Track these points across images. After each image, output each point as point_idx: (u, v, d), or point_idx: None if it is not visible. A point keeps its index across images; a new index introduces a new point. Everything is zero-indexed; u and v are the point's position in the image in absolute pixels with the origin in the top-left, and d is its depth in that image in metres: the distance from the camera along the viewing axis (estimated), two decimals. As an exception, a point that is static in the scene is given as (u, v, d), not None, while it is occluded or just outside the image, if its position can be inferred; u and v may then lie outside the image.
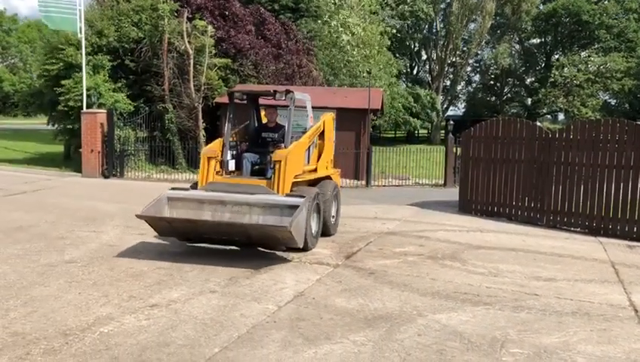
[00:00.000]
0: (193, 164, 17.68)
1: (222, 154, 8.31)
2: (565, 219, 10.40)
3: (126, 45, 19.21)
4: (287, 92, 8.43)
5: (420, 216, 11.46)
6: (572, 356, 4.58)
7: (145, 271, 6.67)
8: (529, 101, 52.40)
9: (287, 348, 4.58)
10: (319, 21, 28.52)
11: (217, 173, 8.19)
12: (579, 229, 10.16)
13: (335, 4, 30.12)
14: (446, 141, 18.18)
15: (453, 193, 13.61)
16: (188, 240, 7.80)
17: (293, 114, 8.38)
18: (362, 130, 18.09)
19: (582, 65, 46.12)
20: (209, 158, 8.11)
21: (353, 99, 18.64)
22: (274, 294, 5.98)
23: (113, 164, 17.02)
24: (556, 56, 50.37)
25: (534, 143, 10.84)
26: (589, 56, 47.40)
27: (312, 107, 9.91)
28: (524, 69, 54.98)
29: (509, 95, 56.40)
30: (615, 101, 48.68)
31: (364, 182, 17.08)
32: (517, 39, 54.85)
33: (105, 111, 17.12)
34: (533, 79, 53.10)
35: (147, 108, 18.56)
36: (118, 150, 17.12)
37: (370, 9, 34.87)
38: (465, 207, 12.06)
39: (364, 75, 28.53)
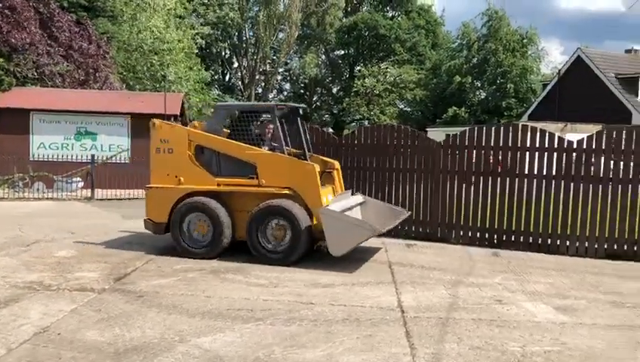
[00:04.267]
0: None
1: None
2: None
3: None
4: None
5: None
6: (334, 369, 4.41)
7: None
8: (336, 109, 54.98)
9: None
10: (117, 22, 26.69)
11: None
12: (366, 231, 10.47)
13: (136, 5, 28.47)
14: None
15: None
16: None
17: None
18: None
19: (381, 76, 49.52)
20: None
21: (150, 105, 17.54)
22: (9, 333, 5.00)
23: None
24: (358, 68, 53.52)
25: (324, 148, 10.97)
26: (386, 68, 51.11)
27: (102, 112, 9.71)
28: (330, 78, 57.63)
29: (318, 103, 58.72)
30: (410, 109, 53.16)
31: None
32: (323, 50, 57.34)
33: None
34: (339, 88, 55.90)
35: None
36: None
37: (175, 13, 33.67)
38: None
39: (169, 79, 27.36)
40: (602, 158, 8.81)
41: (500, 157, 9.38)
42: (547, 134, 9.08)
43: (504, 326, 5.49)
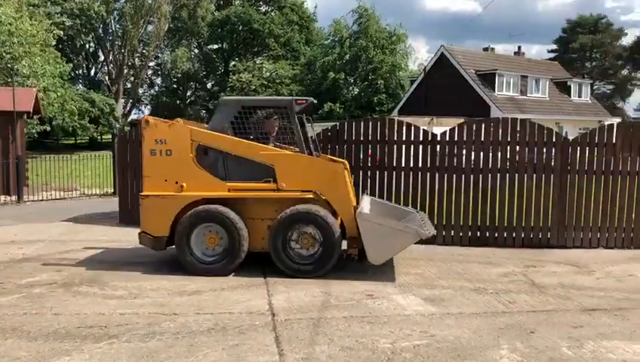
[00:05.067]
0: None
1: None
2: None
3: None
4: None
5: (73, 234, 10.02)
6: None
7: None
8: (211, 105, 53.81)
9: None
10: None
11: None
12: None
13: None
14: (114, 146, 16.81)
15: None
16: None
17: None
18: (11, 135, 15.42)
19: (256, 72, 49.16)
20: None
21: (-2, 101, 15.79)
22: None
23: None
24: (233, 63, 52.73)
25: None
26: (262, 63, 50.84)
27: None
28: (205, 73, 56.30)
29: (192, 99, 57.12)
30: (286, 104, 53.46)
31: (15, 198, 14.58)
32: (196, 44, 55.82)
33: None
34: (213, 83, 54.76)
35: None
36: None
37: (28, 1, 30.84)
38: (126, 218, 11.01)
39: (23, 73, 24.97)
40: (464, 150, 9.16)
41: (370, 151, 9.44)
42: (412, 127, 9.27)
43: (375, 322, 5.40)
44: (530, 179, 8.97)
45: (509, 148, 9.02)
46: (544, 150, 9.00)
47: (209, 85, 56.26)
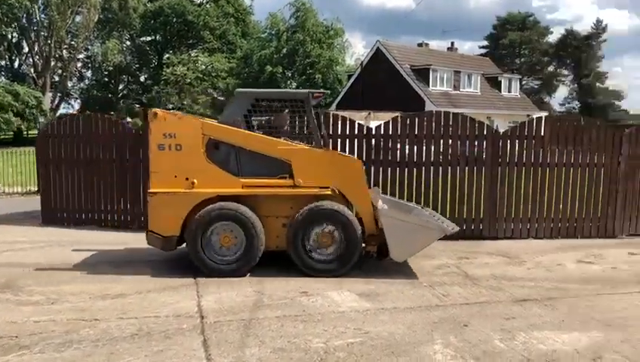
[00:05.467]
0: None
1: None
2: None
3: None
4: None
5: (-11, 235, 9.35)
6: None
7: None
8: (145, 99, 52.24)
9: None
10: None
11: None
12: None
13: None
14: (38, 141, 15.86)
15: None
16: None
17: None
18: None
19: (191, 65, 48.08)
20: None
21: None
22: None
23: None
24: (167, 55, 51.35)
25: (125, 143, 9.96)
26: (197, 56, 49.77)
27: None
28: (137, 66, 54.54)
29: (124, 92, 55.24)
30: (223, 98, 52.53)
31: None
32: (128, 36, 53.97)
33: None
34: (147, 76, 53.15)
35: None
36: None
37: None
38: (49, 217, 10.40)
39: None
40: (398, 143, 9.15)
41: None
42: (348, 121, 9.18)
43: (309, 320, 5.25)
44: (463, 172, 9.06)
45: (442, 141, 9.08)
46: (476, 143, 9.10)
47: (142, 78, 54.56)
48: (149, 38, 54.16)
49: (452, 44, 43.40)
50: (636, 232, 9.42)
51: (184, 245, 6.98)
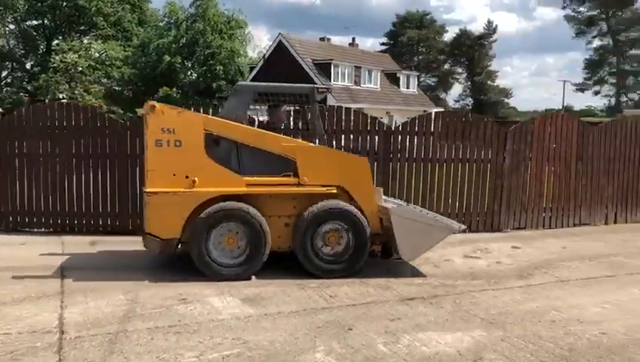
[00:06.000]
0: None
1: None
2: (27, 220, 8.95)
3: None
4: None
5: None
6: None
7: None
8: (31, 87, 48.61)
9: None
10: None
11: None
12: (43, 229, 8.90)
13: None
14: None
15: None
16: None
17: None
18: None
19: (83, 52, 45.19)
20: None
21: None
22: None
23: None
24: (56, 42, 47.98)
25: None
26: (89, 43, 46.89)
27: None
28: (23, 52, 50.59)
29: (8, 80, 51.10)
30: (119, 88, 49.94)
31: None
32: (12, 18, 49.89)
33: None
34: (33, 63, 49.44)
35: None
36: None
37: None
38: None
39: None
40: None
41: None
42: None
43: (183, 331, 4.82)
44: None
45: (334, 137, 8.92)
46: (368, 138, 9.03)
47: (28, 65, 50.63)
48: (35, 22, 50.36)
49: (353, 39, 44.08)
50: (520, 226, 9.77)
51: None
